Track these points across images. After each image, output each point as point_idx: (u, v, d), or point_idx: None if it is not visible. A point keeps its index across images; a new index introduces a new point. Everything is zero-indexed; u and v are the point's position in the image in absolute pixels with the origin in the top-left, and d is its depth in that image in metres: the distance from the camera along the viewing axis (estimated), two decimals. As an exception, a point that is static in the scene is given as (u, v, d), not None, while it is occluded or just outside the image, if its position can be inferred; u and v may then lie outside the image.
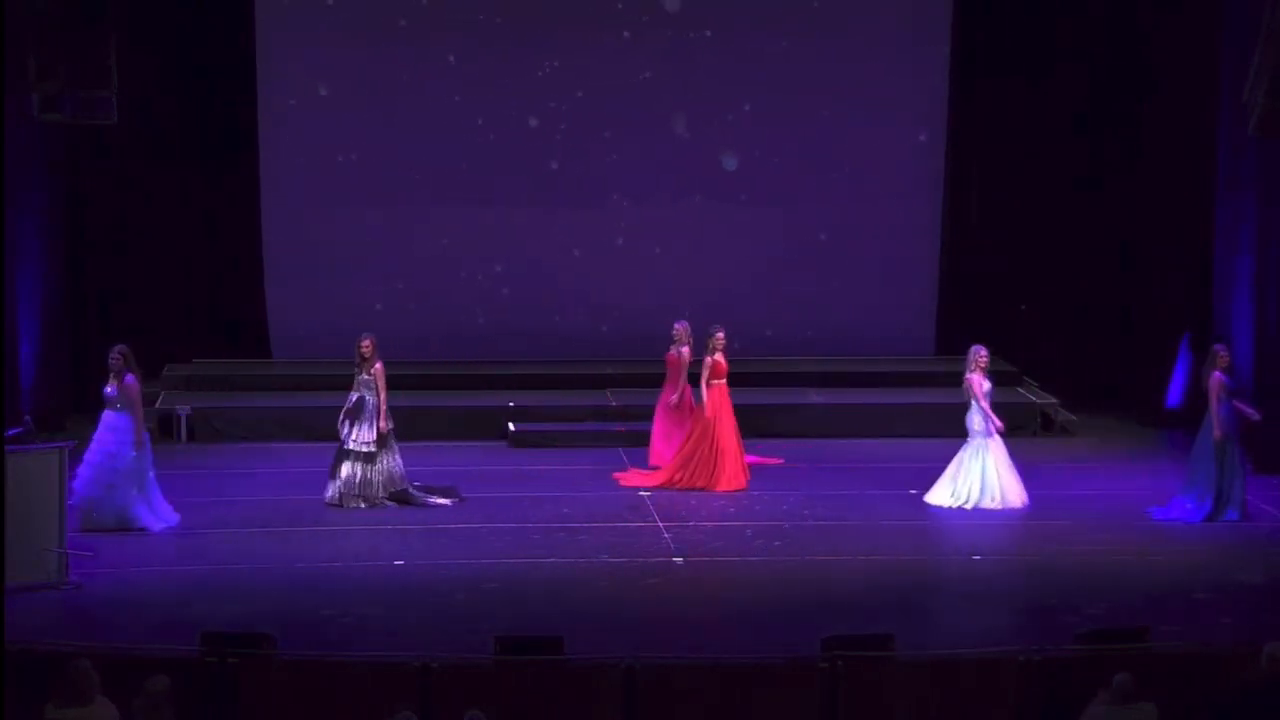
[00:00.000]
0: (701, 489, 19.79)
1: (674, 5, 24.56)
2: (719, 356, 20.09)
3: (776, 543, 17.97)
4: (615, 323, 24.79)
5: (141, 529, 17.97)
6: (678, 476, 19.94)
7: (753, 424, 22.59)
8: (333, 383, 23.38)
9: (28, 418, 17.39)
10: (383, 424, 19.26)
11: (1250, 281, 21.46)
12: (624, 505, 19.33)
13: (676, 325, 20.65)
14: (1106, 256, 24.54)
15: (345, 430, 19.32)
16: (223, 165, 24.45)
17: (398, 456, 19.36)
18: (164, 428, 22.28)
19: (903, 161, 24.94)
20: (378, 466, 19.23)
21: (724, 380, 20.07)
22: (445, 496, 19.38)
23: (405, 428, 22.28)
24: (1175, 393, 23.10)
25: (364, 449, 19.21)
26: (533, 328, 24.69)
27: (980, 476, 19.28)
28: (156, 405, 22.61)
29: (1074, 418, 23.17)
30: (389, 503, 19.15)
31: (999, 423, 19.50)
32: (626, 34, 24.59)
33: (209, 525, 18.41)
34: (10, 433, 16.04)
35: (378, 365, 19.44)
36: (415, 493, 19.29)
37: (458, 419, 22.57)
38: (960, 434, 22.47)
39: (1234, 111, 20.53)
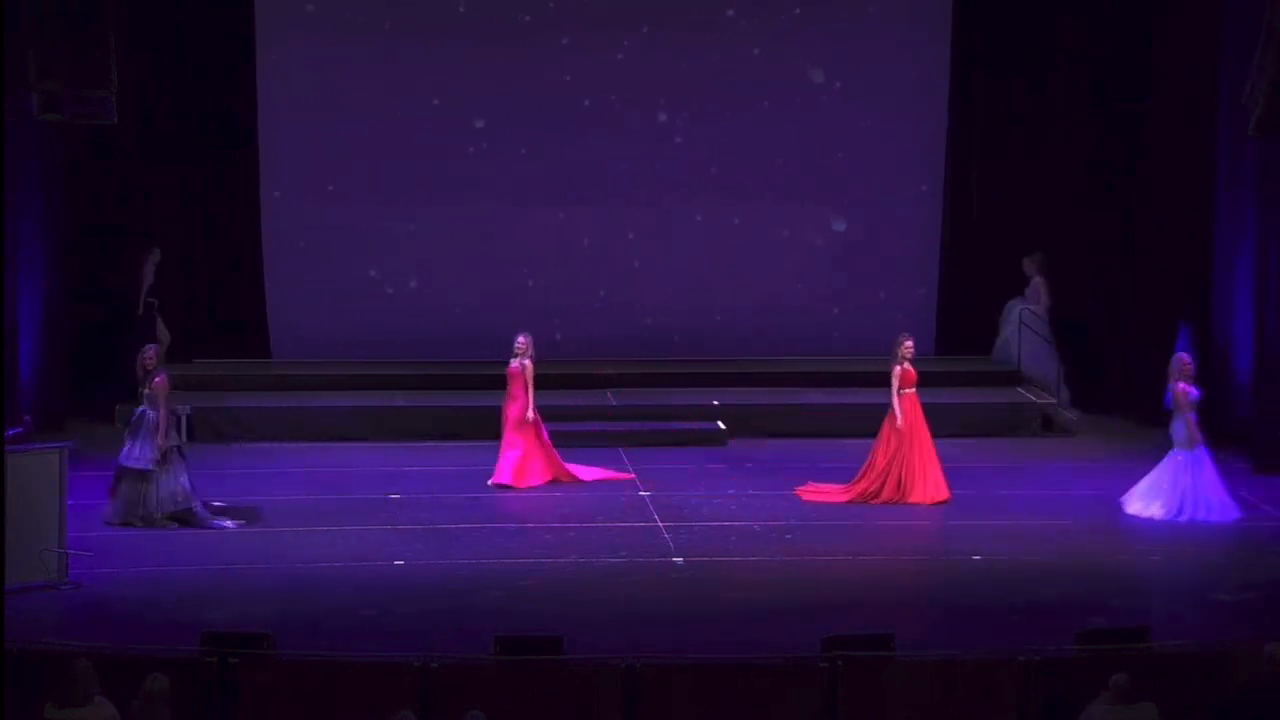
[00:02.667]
0: (901, 502, 19.28)
1: (674, 6, 24.59)
2: (908, 365, 19.60)
3: (776, 543, 17.97)
4: (615, 323, 24.78)
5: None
6: (873, 489, 19.40)
7: (753, 424, 22.66)
8: (333, 383, 23.49)
9: (28, 418, 17.39)
10: (161, 440, 18.09)
11: (1250, 281, 21.46)
12: (624, 505, 19.33)
13: (519, 338, 20.20)
14: (1107, 256, 24.52)
15: (125, 448, 18.29)
16: (223, 165, 24.44)
17: (183, 474, 18.36)
18: (164, 428, 22.28)
19: (903, 162, 24.94)
20: (158, 485, 18.21)
21: (914, 389, 19.58)
22: (237, 518, 18.43)
23: (406, 428, 22.36)
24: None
25: (142, 467, 18.19)
26: (533, 327, 24.60)
27: (1192, 487, 18.82)
28: (156, 405, 22.62)
29: (1074, 418, 23.16)
30: (171, 523, 18.18)
31: (1198, 435, 18.89)
32: (627, 35, 24.58)
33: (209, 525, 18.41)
34: (10, 433, 16.04)
35: (159, 379, 18.26)
36: (201, 513, 18.29)
37: (458, 419, 22.56)
38: (955, 433, 22.60)
39: (1234, 111, 20.54)
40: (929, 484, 19.39)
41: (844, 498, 19.51)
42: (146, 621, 15.27)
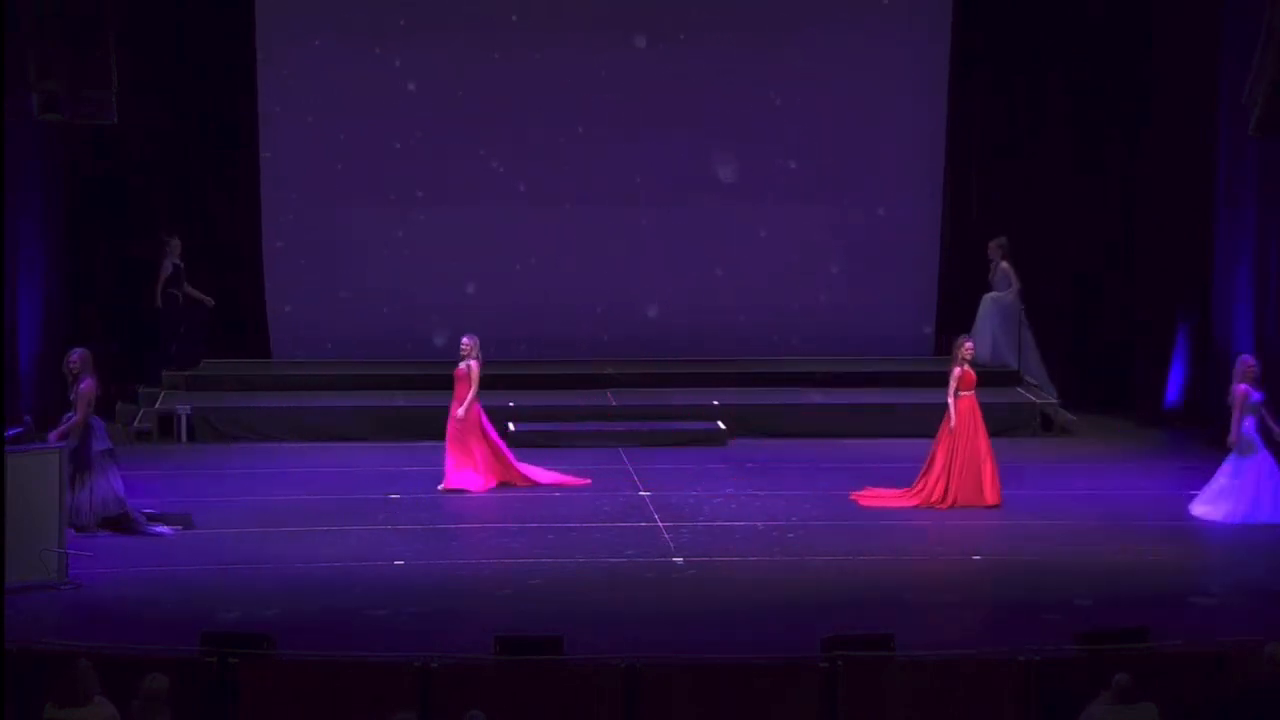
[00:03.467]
0: (965, 506, 19.04)
1: (675, 7, 24.59)
2: (967, 367, 19.36)
3: (776, 543, 17.97)
4: (615, 323, 24.79)
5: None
6: (938, 495, 19.16)
7: (753, 424, 22.66)
8: (333, 383, 23.50)
9: (28, 418, 17.38)
10: (73, 443, 17.49)
11: (1250, 281, 21.46)
12: (624, 505, 19.33)
13: (464, 339, 20.01)
14: (1106, 256, 24.54)
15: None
16: (223, 165, 24.45)
17: (116, 479, 17.93)
18: (164, 428, 22.28)
19: (903, 162, 24.94)
20: (91, 492, 17.77)
21: (972, 391, 19.34)
22: (172, 524, 18.10)
23: (406, 428, 22.35)
24: (1173, 391, 23.17)
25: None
26: (533, 327, 24.69)
27: (1254, 489, 18.66)
28: (157, 405, 22.62)
29: (1074, 418, 23.16)
30: (101, 530, 17.71)
31: (1252, 439, 18.64)
32: (628, 37, 24.58)
33: (209, 525, 18.40)
34: (10, 433, 16.04)
35: (86, 383, 17.81)
36: (136, 518, 17.91)
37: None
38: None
39: (1234, 111, 20.54)
40: (985, 487, 19.15)
41: (905, 502, 19.27)
42: (147, 621, 15.26)
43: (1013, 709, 13.40)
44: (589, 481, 20.17)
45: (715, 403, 22.92)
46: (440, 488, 19.73)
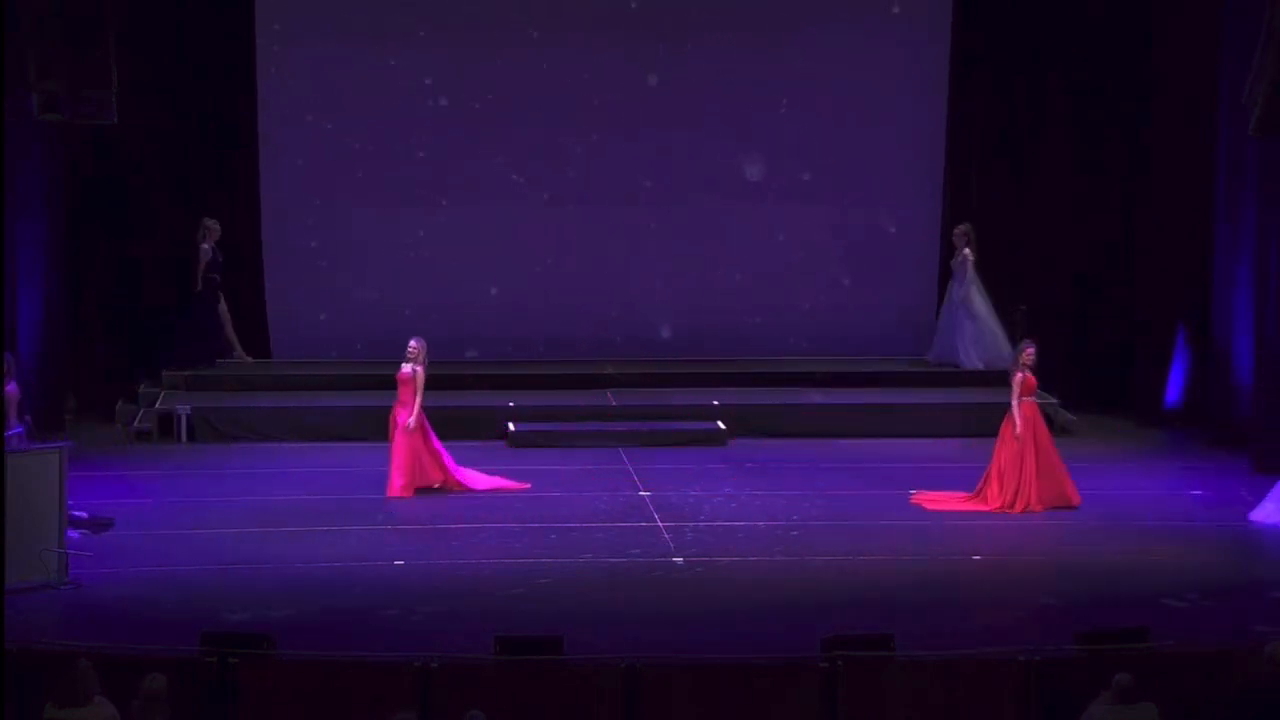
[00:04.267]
0: (1046, 509, 18.87)
1: (675, 8, 24.59)
2: (1028, 372, 19.08)
3: (776, 543, 17.96)
4: (615, 323, 24.79)
5: None
6: (1007, 501, 18.91)
7: (753, 424, 22.65)
8: (333, 383, 23.49)
9: (28, 417, 17.38)
10: None
11: (1250, 281, 21.45)
12: (624, 505, 19.33)
13: (411, 342, 19.71)
14: (1107, 256, 24.54)
15: None
16: (223, 165, 24.45)
17: None
18: (164, 428, 22.28)
19: (903, 162, 24.94)
20: None
21: (1034, 396, 19.14)
22: (96, 528, 17.66)
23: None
24: (1174, 390, 23.16)
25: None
26: (533, 328, 24.70)
27: None
28: (157, 405, 22.62)
29: (1074, 418, 23.16)
30: None
31: None
32: (628, 36, 24.58)
33: (209, 525, 18.40)
34: (10, 433, 16.03)
35: (10, 387, 17.54)
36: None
37: (458, 419, 22.55)
38: (955, 433, 22.61)
39: (1234, 111, 20.54)
40: (1056, 489, 18.99)
41: (972, 507, 19.08)
42: (147, 621, 15.26)
43: (1013, 709, 13.40)
44: (528, 485, 19.91)
45: (715, 403, 22.91)
46: (389, 496, 19.39)
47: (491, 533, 18.28)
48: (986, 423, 22.70)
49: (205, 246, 23.39)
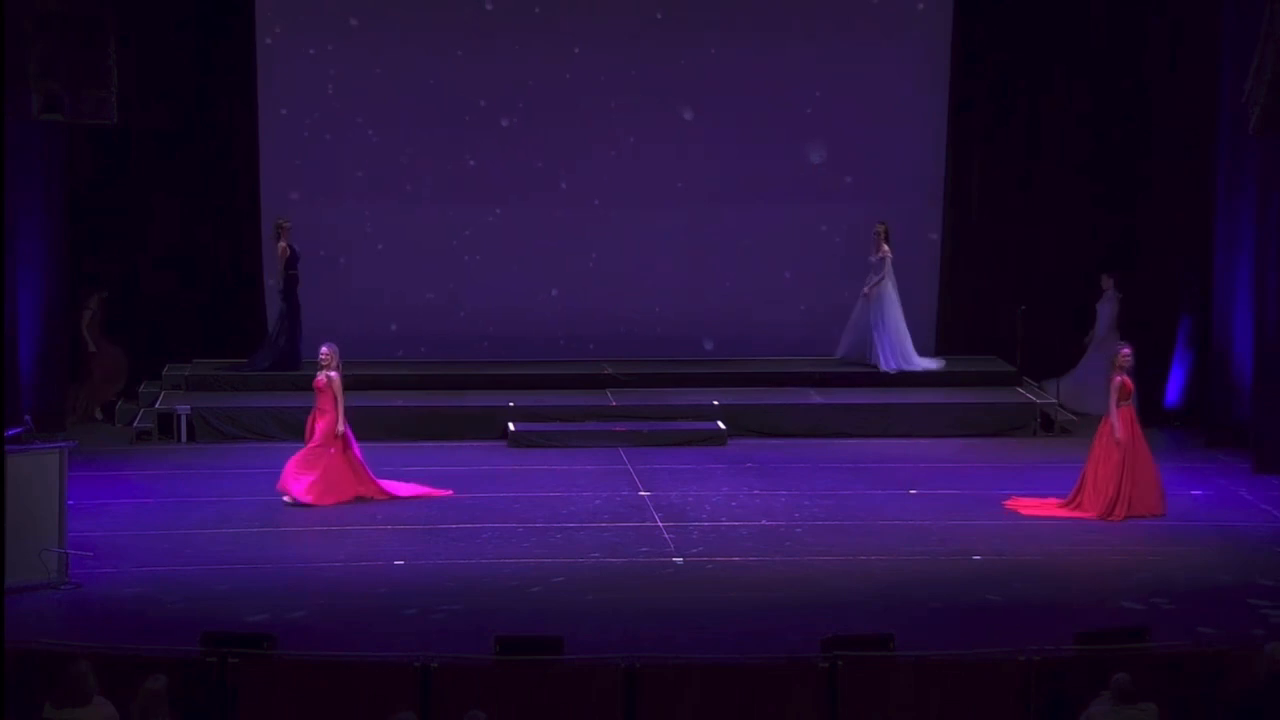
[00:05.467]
0: (1141, 516, 18.67)
1: (676, 9, 24.59)
2: (1126, 376, 18.75)
3: (776, 543, 17.96)
4: (615, 323, 24.78)
5: None
6: (1103, 509, 18.65)
7: (753, 424, 22.65)
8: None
9: (28, 418, 17.36)
10: None
11: (1250, 281, 21.45)
12: (624, 505, 19.33)
13: (323, 349, 19.33)
14: (1107, 256, 24.52)
15: None
16: (223, 166, 24.44)
17: None
18: (164, 428, 22.28)
19: (903, 162, 24.93)
20: None
21: (1130, 401, 18.78)
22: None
23: (407, 427, 22.37)
24: (1173, 390, 23.15)
25: None
26: (533, 327, 24.70)
27: None
28: (156, 405, 22.62)
29: (1074, 418, 23.16)
30: None
31: None
32: (629, 37, 24.59)
33: (209, 525, 18.41)
34: (10, 433, 16.03)
35: None
36: None
37: (458, 419, 22.57)
38: (955, 433, 22.64)
39: (1234, 111, 20.54)
40: (1150, 497, 18.80)
41: (1066, 514, 18.89)
42: (147, 621, 15.27)
43: (1013, 709, 13.40)
44: (451, 492, 19.61)
45: (715, 403, 22.91)
46: (285, 499, 19.11)
47: (491, 533, 18.27)
48: (987, 423, 22.83)
49: (282, 244, 23.42)
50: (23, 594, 15.58)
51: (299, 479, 19.12)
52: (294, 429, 22.23)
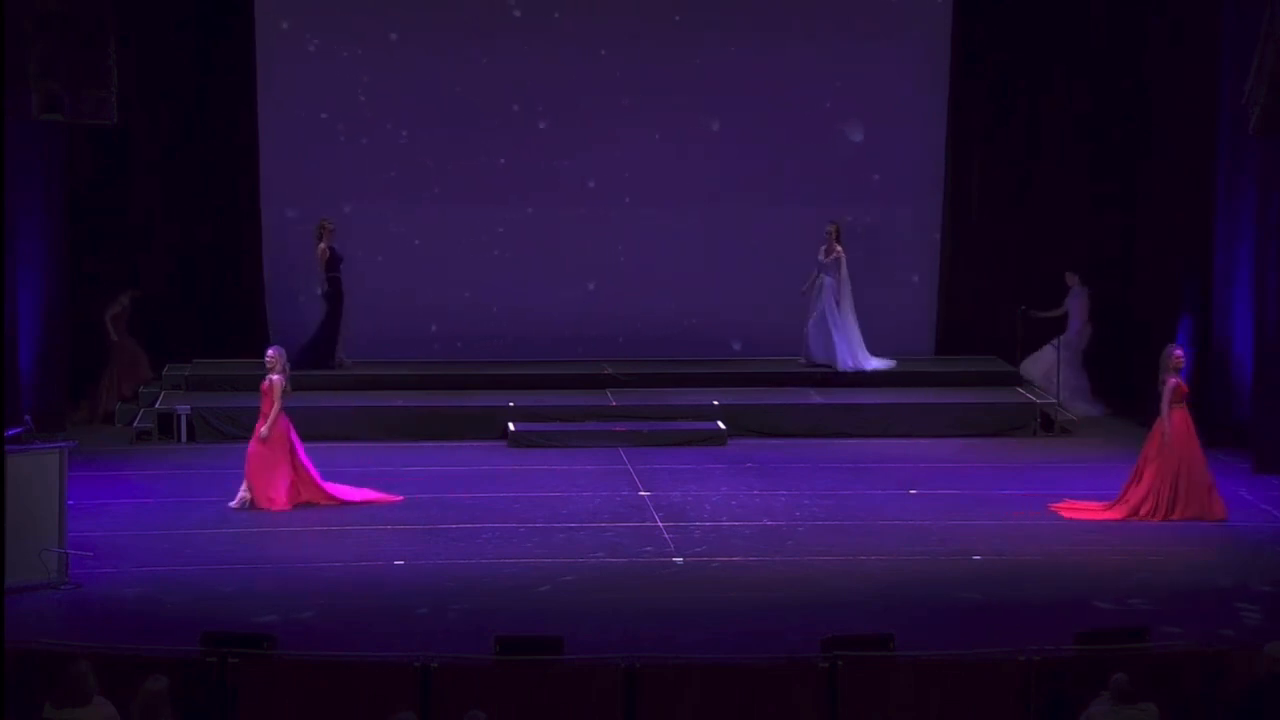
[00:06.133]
0: (1191, 519, 18.51)
1: (676, 9, 24.59)
2: (1180, 379, 18.62)
3: (776, 543, 17.96)
4: (615, 323, 24.78)
5: None
6: (1147, 510, 18.58)
7: (753, 424, 22.65)
8: (333, 383, 23.46)
9: (28, 418, 17.37)
10: None
11: (1250, 281, 21.45)
12: (624, 505, 19.33)
13: (269, 351, 19.06)
14: (1106, 256, 24.53)
15: None
16: (223, 166, 24.44)
17: None
18: (164, 428, 22.28)
19: (903, 162, 24.94)
20: None
21: (1184, 404, 18.60)
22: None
23: (407, 427, 22.37)
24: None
25: None
26: (533, 327, 24.70)
27: None
28: (156, 405, 22.62)
29: (1074, 418, 23.17)
30: None
31: None
32: (629, 38, 24.59)
33: (209, 525, 18.41)
34: (10, 433, 16.03)
35: None
36: None
37: (458, 419, 22.57)
38: (955, 433, 22.63)
39: (1234, 111, 20.54)
40: (1202, 501, 18.62)
41: (1109, 515, 18.79)
42: (147, 621, 15.27)
43: (1013, 709, 13.40)
44: (401, 499, 19.35)
45: (715, 403, 22.91)
46: (231, 505, 18.90)
47: (492, 533, 18.27)
48: (987, 423, 22.82)
49: (323, 246, 23.44)
50: (23, 594, 15.58)
51: (259, 489, 18.86)
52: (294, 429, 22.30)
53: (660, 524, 18.58)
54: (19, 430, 16.59)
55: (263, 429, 18.85)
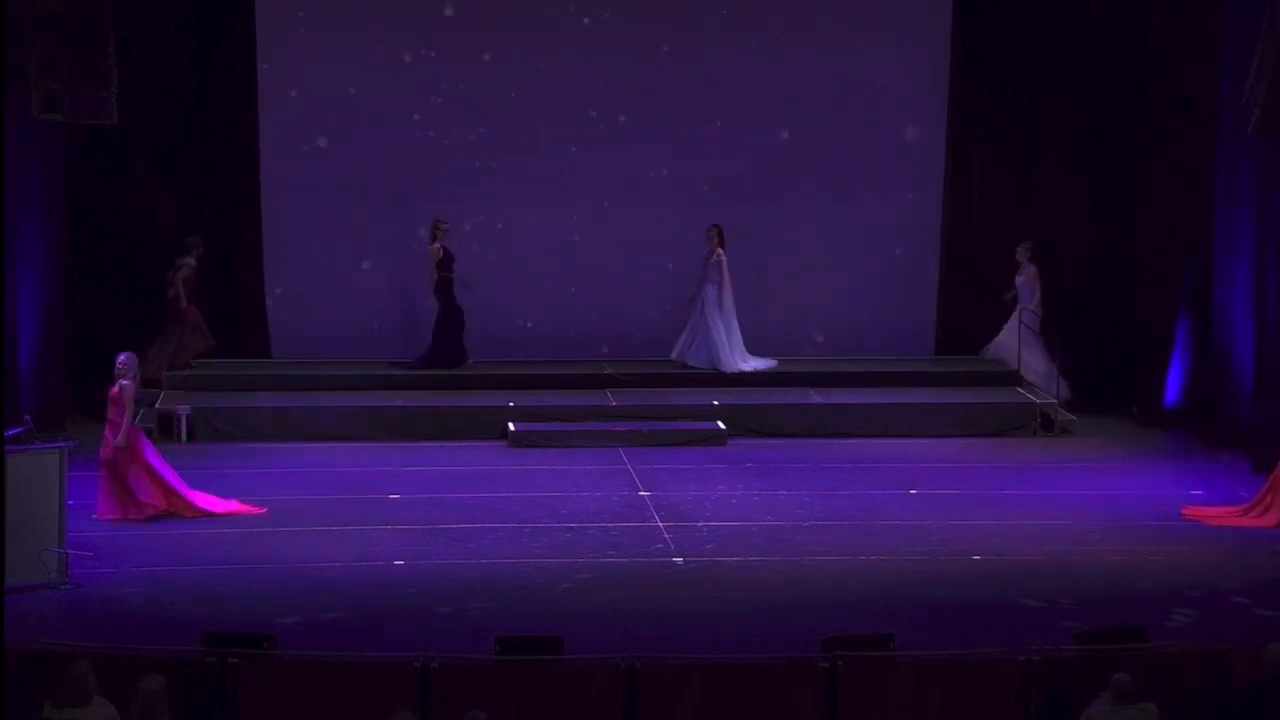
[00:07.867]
0: None
1: (675, 9, 24.60)
2: None
3: (776, 543, 17.96)
4: (615, 323, 24.77)
5: None
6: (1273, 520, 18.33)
7: (753, 424, 22.65)
8: (333, 383, 23.46)
9: (28, 418, 17.37)
10: None
11: (1250, 281, 21.45)
12: (624, 505, 19.33)
13: (120, 358, 18.44)
14: (1107, 256, 24.53)
15: None
16: (223, 165, 24.44)
17: None
18: (164, 428, 22.27)
19: (904, 162, 24.94)
20: None
21: None
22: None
23: (407, 427, 22.37)
24: (1173, 390, 23.16)
25: None
26: (533, 328, 24.70)
27: None
28: (156, 405, 22.61)
29: (1074, 418, 23.16)
30: None
31: None
32: (628, 39, 24.58)
33: (209, 525, 18.40)
34: (10, 433, 16.03)
35: None
36: None
37: (458, 419, 22.57)
38: (955, 433, 22.63)
39: (1234, 111, 20.54)
40: None
41: (1245, 523, 18.52)
42: (147, 621, 15.27)
43: (1013, 709, 13.40)
44: (265, 511, 18.84)
45: (715, 403, 22.91)
46: (94, 517, 18.37)
47: (492, 533, 18.27)
48: (987, 423, 22.82)
49: (436, 245, 23.47)
50: (23, 594, 15.59)
51: (104, 498, 18.51)
52: (294, 429, 22.33)
53: (660, 524, 18.59)
54: (19, 430, 16.59)
55: (118, 439, 18.27)
